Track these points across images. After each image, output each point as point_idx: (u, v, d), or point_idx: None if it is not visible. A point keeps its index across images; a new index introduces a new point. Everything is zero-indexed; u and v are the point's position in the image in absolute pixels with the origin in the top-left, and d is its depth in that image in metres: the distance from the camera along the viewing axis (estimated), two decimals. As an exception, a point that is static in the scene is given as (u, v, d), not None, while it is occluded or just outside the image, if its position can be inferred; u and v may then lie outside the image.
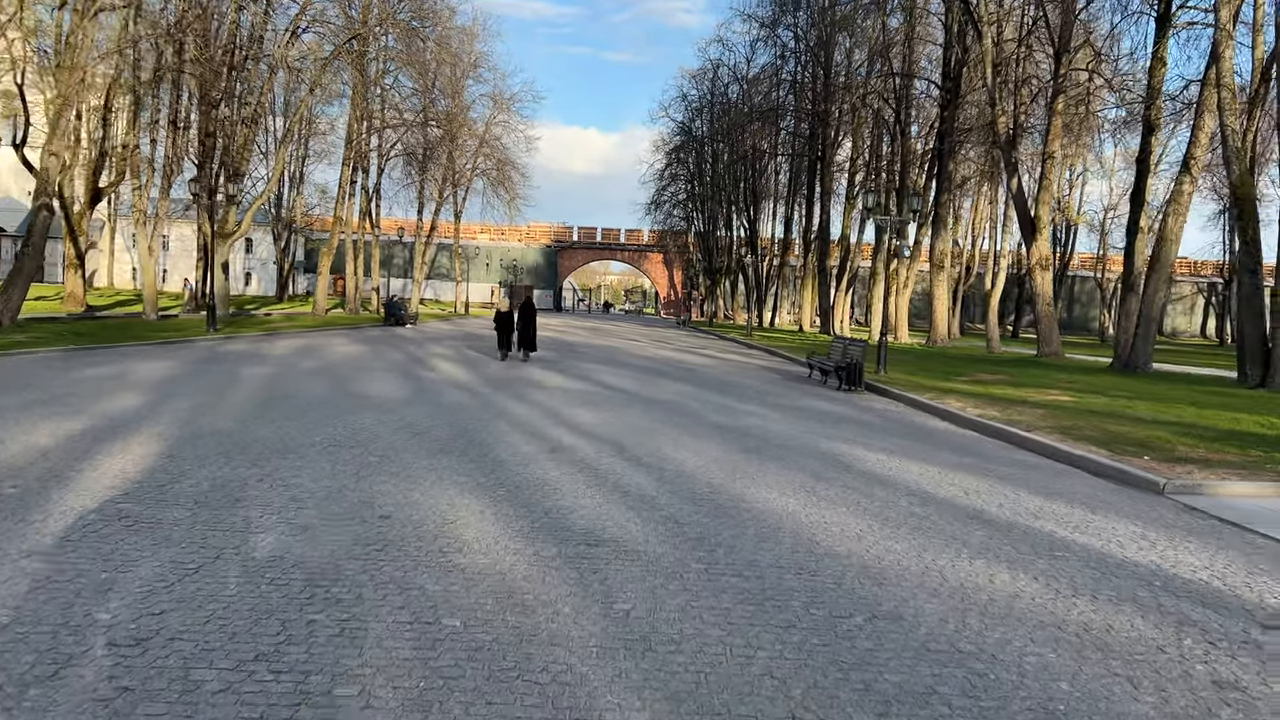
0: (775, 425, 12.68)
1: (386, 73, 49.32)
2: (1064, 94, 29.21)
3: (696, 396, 16.21)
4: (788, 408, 15.07)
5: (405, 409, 12.49)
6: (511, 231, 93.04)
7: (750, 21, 58.85)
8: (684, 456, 9.72)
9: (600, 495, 7.63)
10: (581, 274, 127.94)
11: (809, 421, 13.29)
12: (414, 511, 6.79)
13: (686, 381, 19.25)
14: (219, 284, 35.84)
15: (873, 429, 12.86)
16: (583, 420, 12.22)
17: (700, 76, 69.80)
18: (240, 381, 15.22)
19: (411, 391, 14.78)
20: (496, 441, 10.09)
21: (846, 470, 9.36)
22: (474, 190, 62.79)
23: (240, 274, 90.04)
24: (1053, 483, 9.25)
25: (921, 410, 15.64)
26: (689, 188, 76.37)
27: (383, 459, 8.79)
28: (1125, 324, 24.93)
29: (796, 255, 63.32)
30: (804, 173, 56.31)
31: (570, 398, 14.96)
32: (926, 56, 44.55)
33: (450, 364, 20.93)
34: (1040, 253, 29.10)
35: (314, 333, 31.67)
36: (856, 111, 48.48)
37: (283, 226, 66.62)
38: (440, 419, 11.67)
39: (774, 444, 10.89)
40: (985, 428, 12.98)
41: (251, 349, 22.98)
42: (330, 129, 60.28)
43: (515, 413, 12.65)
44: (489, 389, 15.76)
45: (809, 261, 54.01)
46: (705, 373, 22.13)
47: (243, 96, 36.74)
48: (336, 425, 10.74)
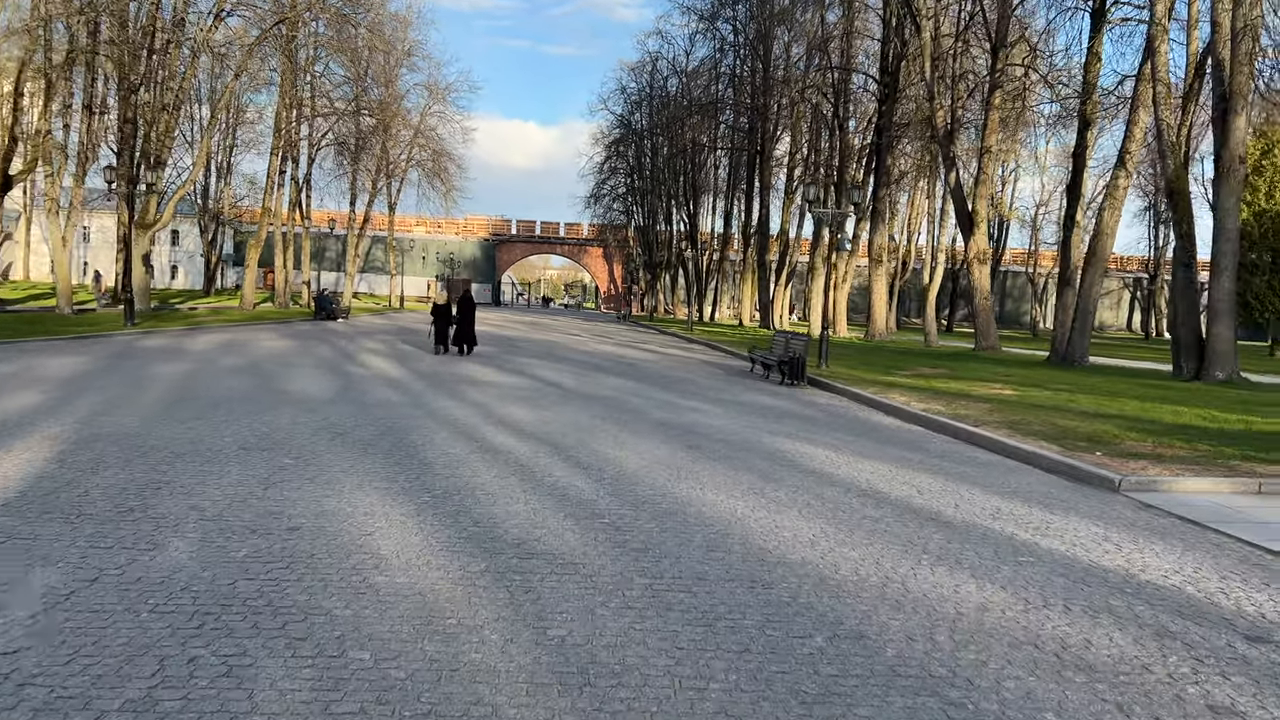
0: (719, 421, 12.24)
1: (317, 60, 47.87)
2: (1001, 89, 29.34)
3: (638, 392, 15.72)
4: (731, 403, 14.66)
5: (328, 407, 11.77)
6: (448, 224, 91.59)
7: (690, 14, 58.54)
8: (626, 456, 9.21)
9: (536, 500, 7.08)
10: (520, 268, 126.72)
11: (753, 417, 12.87)
12: (328, 522, 6.17)
13: (627, 377, 18.75)
14: (138, 277, 34.29)
15: (818, 424, 12.50)
16: (519, 418, 11.63)
17: (639, 69, 69.35)
18: (153, 379, 14.29)
19: (337, 388, 14.02)
20: (425, 442, 9.46)
21: (795, 469, 8.94)
22: (409, 181, 61.51)
23: (166, 267, 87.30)
24: (1007, 480, 8.94)
25: (866, 405, 15.35)
26: (629, 181, 75.91)
27: (298, 462, 8.12)
28: (1062, 318, 25.09)
29: (736, 250, 63.25)
30: (743, 167, 56.18)
31: (506, 394, 14.35)
32: (864, 51, 44.65)
33: (381, 359, 20.13)
34: (978, 247, 29.23)
35: (239, 327, 30.45)
36: (795, 106, 48.43)
37: (209, 218, 64.39)
38: (365, 418, 10.98)
39: (719, 441, 10.44)
40: (932, 422, 12.70)
41: (171, 344, 21.87)
42: (259, 118, 58.33)
43: (447, 411, 12.00)
44: (420, 385, 15.06)
45: (749, 256, 53.90)
46: (647, 368, 21.66)
47: (164, 82, 35.17)
48: (252, 425, 10.00)
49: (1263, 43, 19.59)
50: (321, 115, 49.12)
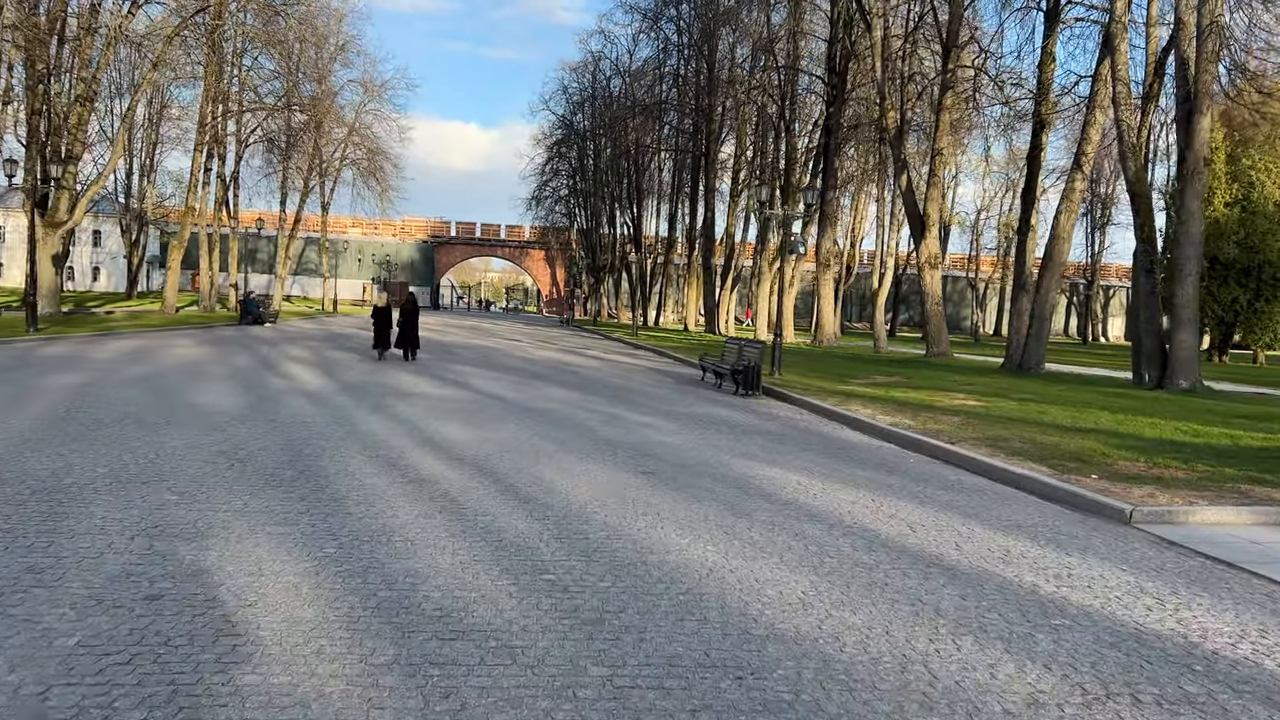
0: (675, 439, 11.11)
1: (245, 53, 45.79)
2: (952, 90, 28.77)
3: (583, 404, 14.53)
4: (685, 417, 13.54)
5: (235, 426, 10.37)
6: (385, 226, 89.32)
7: (633, 13, 57.67)
8: (572, 485, 8.02)
9: (465, 549, 5.86)
10: (461, 271, 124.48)
11: (711, 434, 11.77)
12: (200, 587, 4.88)
13: (572, 387, 17.54)
14: (46, 278, 32.13)
15: (783, 442, 11.44)
16: (451, 438, 10.37)
17: (582, 69, 68.12)
18: (38, 393, 12.70)
19: (248, 403, 12.58)
20: (340, 470, 8.16)
21: (766, 499, 7.84)
22: (343, 181, 59.49)
23: (88, 269, 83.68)
24: (1004, 511, 7.95)
25: (828, 418, 14.36)
26: (571, 183, 74.62)
27: (182, 499, 6.78)
28: (1017, 324, 24.52)
29: (681, 253, 62.38)
30: (688, 170, 55.34)
31: (439, 409, 13.05)
32: (810, 53, 44.01)
33: (304, 368, 18.63)
34: (929, 250, 28.60)
35: (156, 333, 28.54)
36: (741, 108, 47.69)
37: (132, 218, 61.54)
38: (274, 439, 9.62)
39: (676, 464, 9.31)
40: (904, 439, 11.73)
41: (73, 352, 20.07)
42: (185, 114, 55.88)
43: (370, 429, 10.68)
44: (343, 399, 13.69)
45: (694, 260, 53.05)
46: (592, 376, 20.47)
47: (77, 71, 33.04)
48: (138, 450, 8.60)
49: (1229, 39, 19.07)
50: (250, 110, 46.99)
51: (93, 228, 79.85)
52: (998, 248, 79.85)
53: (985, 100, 29.94)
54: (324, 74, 51.93)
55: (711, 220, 50.03)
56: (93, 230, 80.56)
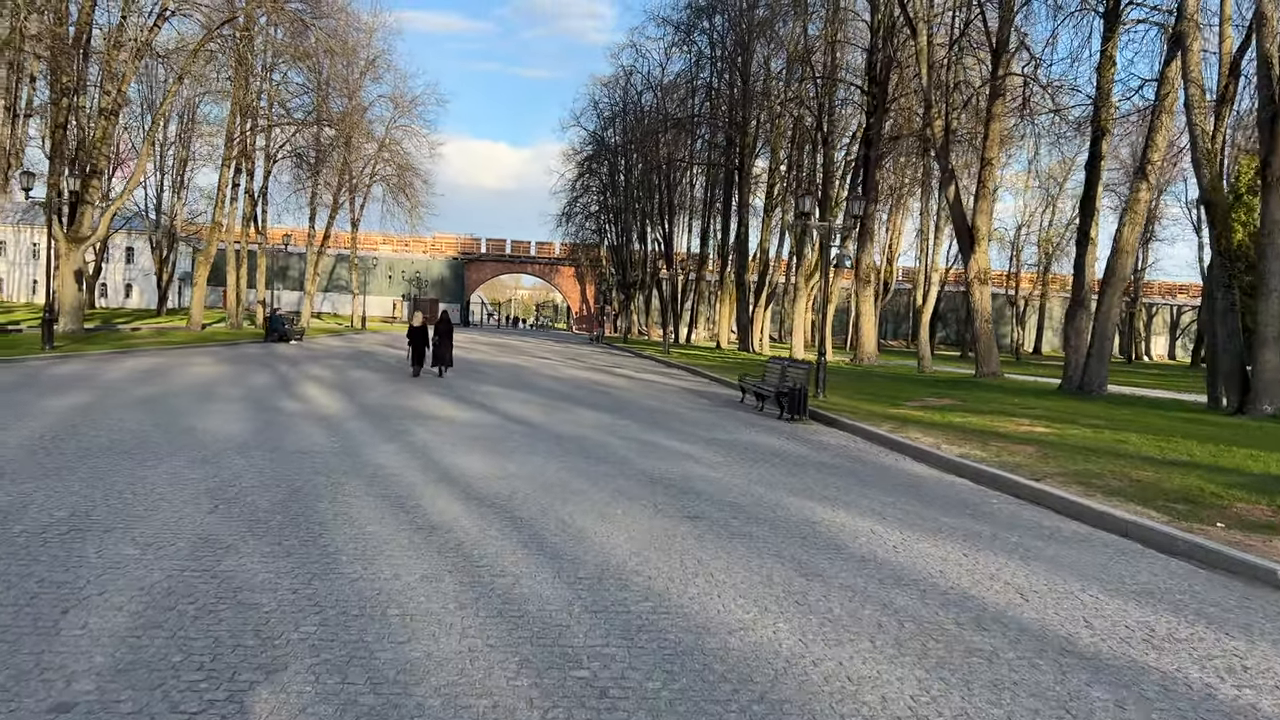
0: (720, 473, 9.90)
1: (274, 67, 45.36)
2: (1002, 98, 27.43)
3: (617, 430, 13.35)
4: (729, 445, 12.32)
5: (232, 457, 9.30)
6: (416, 243, 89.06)
7: (665, 26, 56.84)
8: (607, 533, 6.84)
9: (477, 628, 4.69)
10: (491, 287, 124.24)
11: (760, 466, 10.54)
12: (126, 690, 3.74)
13: (604, 409, 16.37)
14: (69, 294, 31.56)
15: (842, 476, 10.18)
16: (470, 472, 9.22)
17: (613, 84, 67.33)
18: (31, 416, 11.73)
19: (254, 429, 11.53)
20: (338, 515, 7.03)
21: (838, 554, 6.61)
22: (373, 198, 59.06)
23: (121, 285, 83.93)
24: (1124, 570, 6.65)
25: (886, 446, 13.07)
26: (602, 199, 73.79)
27: (143, 554, 5.68)
28: (1076, 342, 23.04)
29: (712, 270, 61.22)
30: (720, 184, 54.20)
31: (460, 436, 11.93)
32: (846, 64, 42.81)
33: (323, 389, 17.63)
34: (979, 265, 27.19)
35: (178, 350, 27.77)
36: (776, 120, 46.55)
37: (162, 234, 61.43)
38: (272, 473, 8.53)
39: (726, 505, 8.10)
40: (978, 474, 10.43)
41: (85, 371, 19.22)
42: (216, 130, 55.69)
43: (381, 462, 9.57)
44: (358, 424, 12.61)
45: (726, 276, 51.83)
46: (624, 397, 19.31)
47: (102, 85, 32.58)
48: (112, 486, 7.54)
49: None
50: (278, 125, 46.53)
51: (125, 244, 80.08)
52: (1038, 264, 77.97)
53: (1035, 109, 28.54)
54: (354, 89, 51.49)
55: (745, 235, 48.83)
56: (125, 247, 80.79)
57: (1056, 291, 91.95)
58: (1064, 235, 74.65)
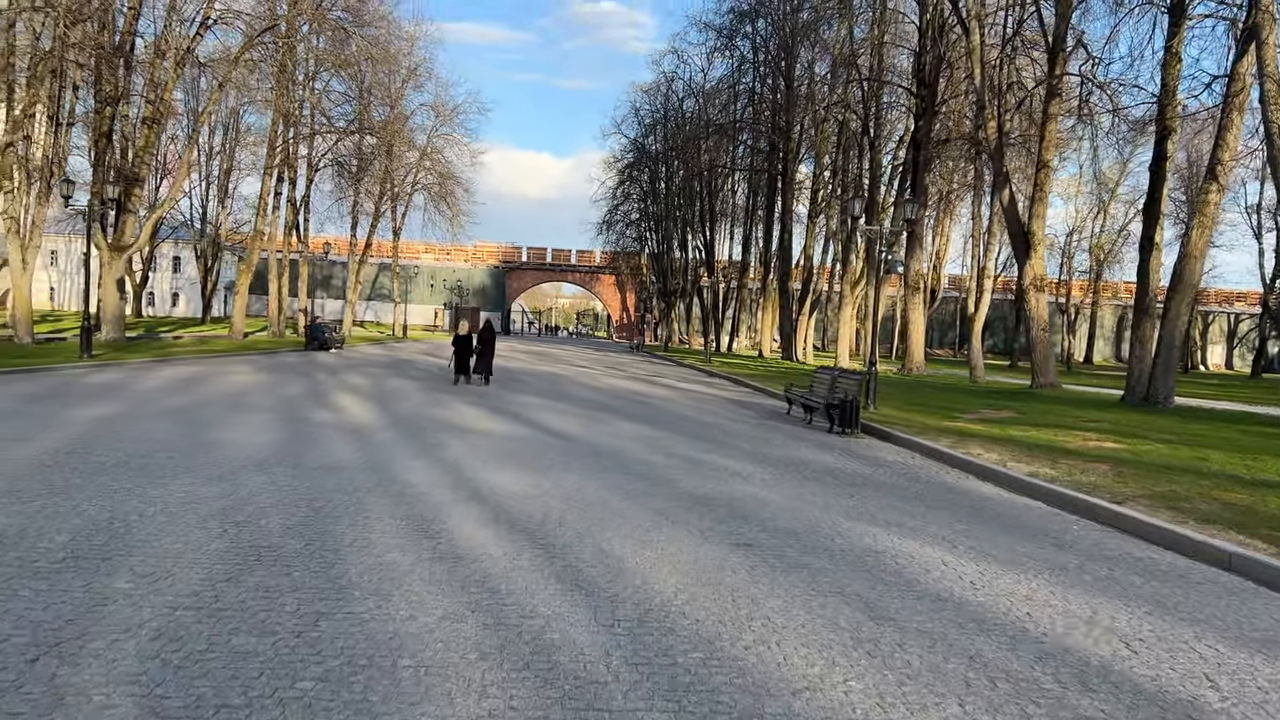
0: (771, 493, 9.19)
1: (316, 76, 45.43)
2: (1058, 97, 26.36)
3: (658, 444, 12.68)
4: (779, 462, 11.59)
5: (250, 473, 8.79)
6: (457, 251, 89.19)
7: (707, 31, 56.11)
8: (649, 565, 6.18)
9: (499, 686, 4.05)
10: (532, 296, 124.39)
11: (814, 485, 9.81)
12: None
13: (645, 421, 15.71)
14: (111, 302, 31.68)
15: (904, 497, 9.41)
16: (503, 490, 8.62)
17: (654, 91, 66.85)
18: (54, 427, 11.35)
19: (280, 441, 11.04)
20: (355, 542, 6.44)
21: (910, 592, 5.88)
22: (414, 206, 58.98)
23: (168, 294, 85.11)
24: (1239, 614, 5.83)
25: (947, 464, 12.25)
26: (642, 206, 73.30)
27: (137, 587, 5.12)
28: (1140, 352, 21.95)
29: (754, 277, 60.38)
30: (763, 191, 53.36)
31: (495, 450, 11.34)
32: (892, 66, 41.82)
33: (357, 399, 17.18)
34: (1034, 272, 26.14)
35: (216, 359, 27.61)
36: (820, 125, 45.66)
37: (207, 243, 61.99)
38: (291, 491, 7.99)
39: (780, 531, 7.40)
40: (1052, 496, 9.60)
41: (119, 380, 18.98)
42: (260, 140, 56.07)
43: (408, 479, 8.99)
44: (389, 435, 12.08)
45: (769, 283, 50.94)
46: (666, 408, 18.63)
47: (145, 94, 32.69)
48: (120, 507, 7.03)
49: None
50: (320, 133, 46.60)
51: (172, 254, 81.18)
52: (1089, 271, 76.08)
53: (1094, 109, 27.46)
54: (396, 98, 51.51)
55: (788, 242, 47.98)
56: (173, 256, 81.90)
57: (1108, 299, 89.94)
58: (1115, 241, 72.80)
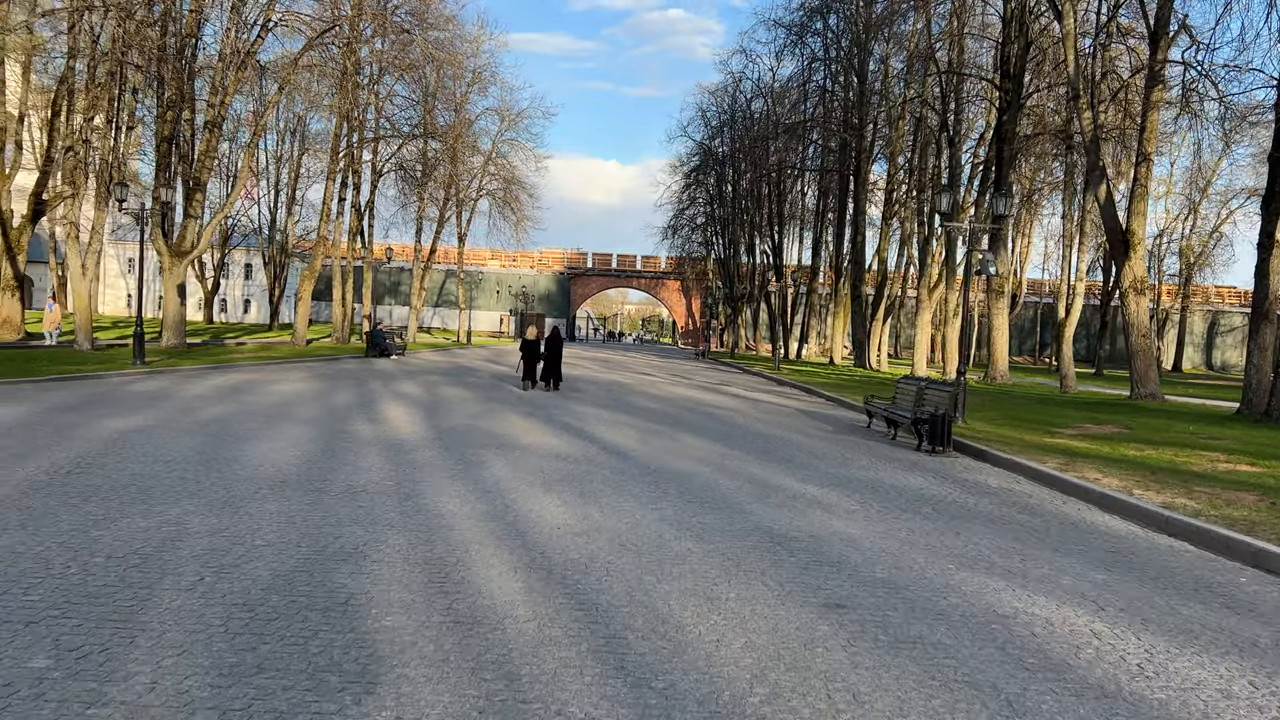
0: (862, 530, 7.78)
1: (380, 80, 45.09)
2: (1161, 84, 24.33)
3: (727, 464, 11.34)
4: (866, 487, 10.15)
5: (261, 499, 7.70)
6: (523, 258, 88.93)
7: (776, 29, 54.63)
8: (717, 638, 4.85)
9: None
10: (598, 302, 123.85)
11: (911, 520, 8.37)
12: None
13: (711, 436, 14.36)
14: (173, 309, 31.41)
15: (1021, 535, 7.91)
16: (544, 522, 7.37)
17: (721, 92, 65.55)
18: (69, 440, 10.46)
19: (310, 458, 9.99)
20: (353, 595, 5.25)
21: (1058, 682, 4.45)
22: (479, 212, 58.49)
23: (240, 301, 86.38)
24: None
25: (1060, 490, 10.64)
26: (708, 210, 71.95)
27: (56, 664, 3.98)
28: (1259, 361, 19.86)
29: (824, 282, 58.56)
30: (834, 193, 51.58)
31: (541, 470, 10.12)
32: (970, 62, 39.80)
33: (405, 408, 16.17)
34: (1134, 273, 24.07)
35: (273, 366, 27.02)
36: (895, 123, 43.78)
37: (275, 250, 62.40)
38: (302, 522, 6.86)
39: (879, 586, 6.01)
40: (1197, 534, 8.00)
41: (163, 389, 18.27)
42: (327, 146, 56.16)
43: (437, 508, 7.81)
44: (429, 453, 10.95)
45: (840, 288, 49.13)
46: (734, 420, 17.25)
47: (207, 97, 32.46)
48: (84, 545, 5.96)
49: None
50: (383, 138, 46.25)
51: (244, 261, 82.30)
52: (1179, 274, 72.52)
53: (1200, 96, 25.32)
54: (460, 102, 51.05)
55: (861, 244, 46.11)
56: (244, 264, 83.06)
57: (1198, 304, 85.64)
58: (1207, 243, 69.24)
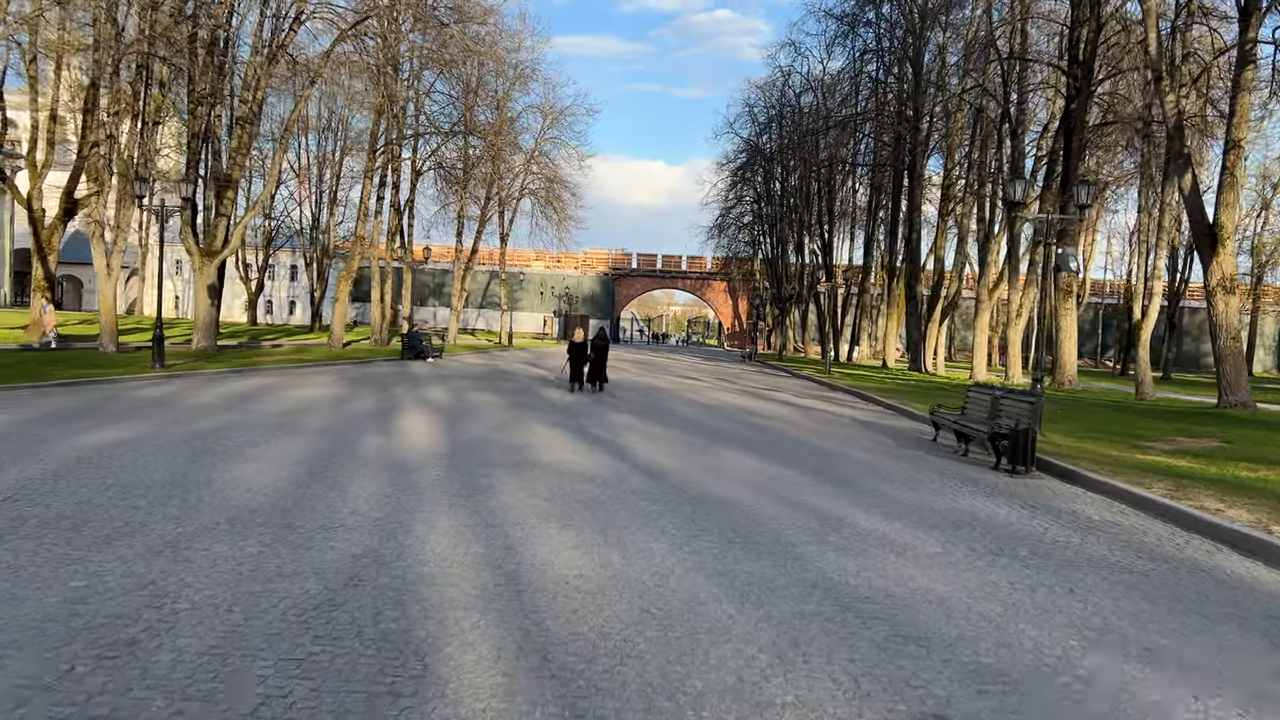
0: (950, 585, 6.18)
1: (419, 76, 44.12)
2: (1253, 64, 22.25)
3: (778, 487, 9.78)
4: (943, 518, 8.52)
5: (212, 539, 6.34)
6: (567, 259, 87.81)
7: (826, 20, 52.74)
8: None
9: None
10: (643, 303, 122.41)
11: (1007, 564, 6.75)
12: None
13: (759, 451, 12.80)
14: (203, 311, 30.56)
15: (1151, 595, 6.24)
16: (551, 574, 5.90)
17: (768, 87, 63.75)
18: (32, 457, 9.25)
19: (292, 482, 8.64)
20: (272, 695, 3.82)
21: None
22: (521, 212, 57.39)
23: (285, 302, 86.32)
24: None
25: (1175, 523, 8.89)
26: (755, 208, 70.19)
27: None
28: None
29: (876, 282, 56.52)
30: (886, 191, 49.57)
31: (559, 496, 8.67)
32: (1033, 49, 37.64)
33: (425, 418, 14.83)
34: (1224, 271, 21.97)
35: (300, 369, 25.96)
36: (952, 115, 41.69)
37: (315, 251, 61.92)
38: (249, 575, 5.48)
39: (987, 678, 4.44)
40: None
41: (171, 394, 17.15)
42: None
43: (421, 552, 6.37)
44: (435, 473, 9.55)
45: (894, 288, 47.11)
46: (784, 432, 15.65)
47: (239, 93, 31.64)
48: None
49: None
50: (422, 135, 45.26)
51: (289, 262, 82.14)
52: (1249, 274, 69.00)
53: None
54: (502, 99, 50.01)
55: (917, 242, 44.08)
56: (290, 265, 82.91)
57: (1270, 305, 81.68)
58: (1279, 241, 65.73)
